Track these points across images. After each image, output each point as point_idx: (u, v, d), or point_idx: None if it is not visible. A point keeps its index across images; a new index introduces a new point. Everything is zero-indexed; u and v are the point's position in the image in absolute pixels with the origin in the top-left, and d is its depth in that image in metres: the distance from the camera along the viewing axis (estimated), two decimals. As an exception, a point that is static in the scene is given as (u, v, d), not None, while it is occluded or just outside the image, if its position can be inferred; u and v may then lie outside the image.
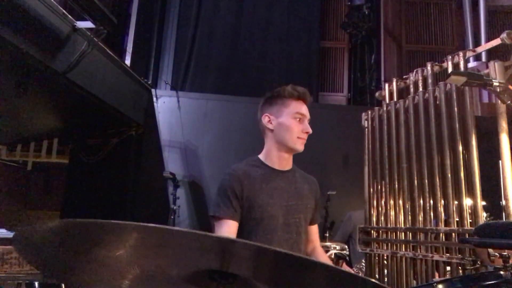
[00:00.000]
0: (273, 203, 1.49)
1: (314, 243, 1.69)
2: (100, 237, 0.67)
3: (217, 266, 0.71)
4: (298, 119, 1.54)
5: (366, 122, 2.34)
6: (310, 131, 1.54)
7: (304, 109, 1.56)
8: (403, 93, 2.25)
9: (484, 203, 1.76)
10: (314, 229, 1.69)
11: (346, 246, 2.92)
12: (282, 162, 1.58)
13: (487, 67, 1.66)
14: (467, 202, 1.72)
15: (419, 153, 1.94)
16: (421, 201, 1.90)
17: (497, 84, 1.29)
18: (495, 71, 1.59)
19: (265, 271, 0.75)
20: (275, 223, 1.48)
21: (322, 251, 1.73)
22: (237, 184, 1.47)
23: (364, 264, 2.62)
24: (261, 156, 1.60)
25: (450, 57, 1.94)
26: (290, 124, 1.53)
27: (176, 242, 0.67)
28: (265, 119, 1.59)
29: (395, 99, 2.21)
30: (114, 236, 0.67)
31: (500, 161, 1.63)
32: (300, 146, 1.54)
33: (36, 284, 1.89)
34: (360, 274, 2.68)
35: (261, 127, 1.62)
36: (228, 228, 1.45)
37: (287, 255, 0.62)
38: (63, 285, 1.93)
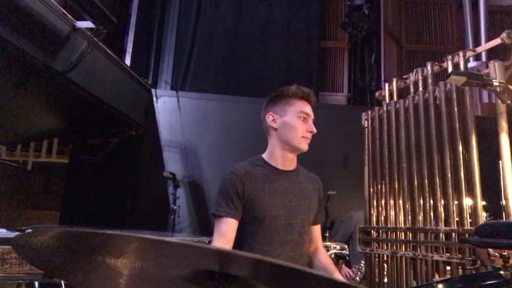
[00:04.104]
0: (275, 203, 1.48)
1: (316, 243, 1.68)
2: (99, 245, 0.67)
3: (216, 268, 0.71)
4: (302, 118, 1.53)
5: (366, 122, 2.34)
6: (315, 130, 1.54)
7: (308, 108, 1.56)
8: (403, 93, 2.25)
9: (484, 203, 1.77)
10: (317, 229, 1.68)
11: (346, 246, 2.92)
12: (286, 162, 1.57)
13: (487, 67, 1.66)
14: (467, 202, 1.72)
15: (419, 153, 1.94)
16: (421, 201, 1.90)
17: (497, 84, 1.29)
18: (495, 71, 1.59)
19: (264, 275, 0.75)
20: (277, 224, 1.47)
21: (324, 251, 1.71)
22: (238, 183, 1.47)
23: (363, 265, 2.62)
24: (264, 156, 1.59)
25: (450, 57, 1.94)
26: (294, 123, 1.53)
27: (174, 251, 0.67)
28: (269, 118, 1.58)
29: (395, 99, 2.21)
30: (113, 246, 0.67)
31: (500, 161, 1.63)
32: (304, 145, 1.53)
33: (36, 284, 1.89)
34: (359, 274, 2.69)
35: (265, 127, 1.61)
36: (228, 227, 1.45)
37: (282, 266, 0.62)
38: (63, 285, 1.93)
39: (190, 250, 0.65)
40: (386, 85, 2.32)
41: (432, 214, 1.85)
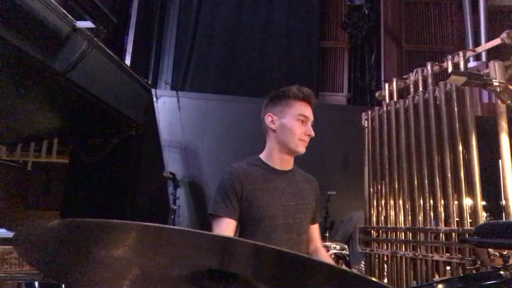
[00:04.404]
0: (273, 203, 1.48)
1: (315, 243, 1.68)
2: (99, 236, 0.67)
3: (217, 265, 0.71)
4: (301, 121, 1.53)
5: (366, 122, 2.34)
6: (313, 134, 1.54)
7: (308, 111, 1.55)
8: (403, 93, 2.25)
9: (484, 203, 1.77)
10: (315, 229, 1.68)
11: (346, 246, 2.92)
12: (283, 162, 1.57)
13: (487, 67, 1.66)
14: (467, 202, 1.72)
15: (419, 153, 1.94)
16: (421, 201, 1.90)
17: (497, 84, 1.29)
18: (495, 71, 1.59)
19: (265, 270, 0.75)
20: (275, 224, 1.47)
21: (324, 250, 1.71)
22: (236, 183, 1.47)
23: (363, 265, 2.62)
24: (262, 156, 1.59)
25: (450, 57, 1.94)
26: (292, 125, 1.52)
27: (174, 240, 0.67)
28: (268, 119, 1.57)
29: (395, 99, 2.21)
30: (114, 235, 0.67)
31: (500, 161, 1.63)
32: (301, 149, 1.53)
33: (36, 284, 1.89)
34: (360, 274, 2.68)
35: (264, 126, 1.61)
36: (227, 227, 1.44)
37: (285, 254, 0.62)
38: (63, 285, 1.93)
39: (191, 237, 0.64)
40: (386, 85, 2.32)
41: (432, 214, 1.85)
